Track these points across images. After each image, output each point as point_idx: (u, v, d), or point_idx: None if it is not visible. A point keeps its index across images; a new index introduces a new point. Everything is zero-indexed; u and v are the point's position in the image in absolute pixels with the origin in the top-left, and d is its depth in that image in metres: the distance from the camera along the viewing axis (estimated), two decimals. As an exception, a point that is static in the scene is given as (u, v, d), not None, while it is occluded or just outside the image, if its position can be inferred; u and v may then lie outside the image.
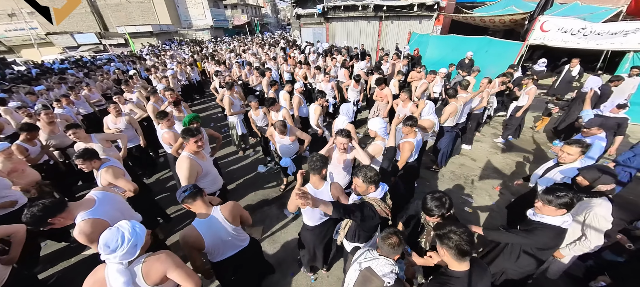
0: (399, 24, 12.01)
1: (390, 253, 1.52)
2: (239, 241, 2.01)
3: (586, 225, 2.02)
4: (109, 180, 2.51)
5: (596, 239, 1.99)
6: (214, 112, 8.15)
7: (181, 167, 2.42)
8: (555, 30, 6.24)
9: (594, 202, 2.00)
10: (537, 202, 1.83)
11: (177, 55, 13.66)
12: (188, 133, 2.46)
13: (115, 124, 4.06)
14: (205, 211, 1.81)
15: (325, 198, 1.95)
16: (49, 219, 1.64)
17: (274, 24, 52.92)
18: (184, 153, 2.50)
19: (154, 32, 27.29)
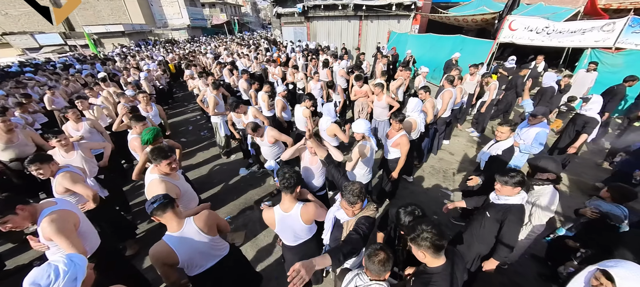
0: (378, 23, 12.22)
1: (380, 272, 1.40)
2: (218, 250, 1.90)
3: (532, 212, 2.25)
4: (66, 186, 2.31)
5: (540, 223, 2.23)
6: (192, 115, 7.86)
7: (157, 193, 2.13)
8: (522, 29, 6.62)
9: (540, 190, 2.22)
10: (496, 184, 1.99)
11: (154, 57, 12.99)
12: (160, 155, 2.11)
13: (77, 131, 3.73)
14: (177, 224, 1.66)
15: (294, 222, 1.86)
16: (1, 215, 1.58)
17: (255, 23, 51.99)
18: (154, 175, 2.18)
19: (126, 32, 25.89)
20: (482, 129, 5.78)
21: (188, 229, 1.68)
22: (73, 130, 3.76)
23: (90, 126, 3.84)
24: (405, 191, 4.08)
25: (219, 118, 4.74)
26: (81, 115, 3.89)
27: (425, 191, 4.14)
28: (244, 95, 6.15)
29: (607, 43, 5.93)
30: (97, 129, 3.93)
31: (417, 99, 3.62)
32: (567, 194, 4.03)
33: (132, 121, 3.24)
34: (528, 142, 3.09)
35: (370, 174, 2.94)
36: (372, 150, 2.76)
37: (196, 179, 4.65)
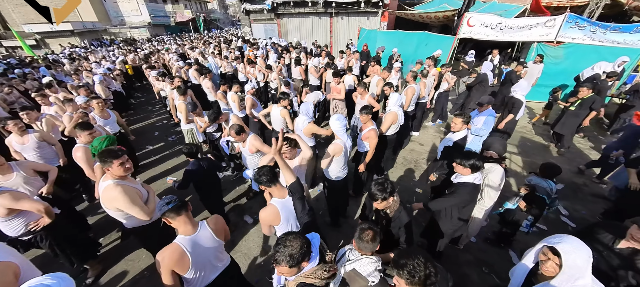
0: (348, 19, 12.41)
1: (370, 248, 1.49)
2: (221, 261, 1.81)
3: (484, 187, 2.49)
4: (7, 206, 2.03)
5: (490, 199, 2.48)
6: (157, 120, 7.36)
7: (116, 199, 1.96)
8: (478, 25, 7.14)
9: (490, 168, 2.47)
10: (455, 165, 2.23)
11: (108, 58, 11.86)
12: (110, 155, 1.98)
13: (23, 144, 3.25)
14: (192, 227, 1.57)
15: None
16: None
17: (223, 21, 49.85)
18: (108, 181, 2.00)
19: (76, 31, 23.40)
20: (445, 116, 6.18)
21: (203, 232, 1.62)
22: (17, 144, 3.26)
23: (39, 139, 3.34)
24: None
25: (193, 125, 4.45)
26: (26, 127, 3.37)
27: (397, 182, 4.31)
28: (209, 96, 5.89)
29: (549, 37, 6.62)
30: (47, 142, 3.42)
31: (397, 94, 3.72)
32: (522, 174, 4.45)
33: (77, 130, 2.94)
34: (478, 126, 3.59)
35: (345, 170, 2.94)
36: (345, 148, 2.76)
37: (166, 187, 4.39)
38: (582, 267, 1.27)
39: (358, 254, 1.56)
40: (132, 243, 3.00)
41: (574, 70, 6.54)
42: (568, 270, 1.29)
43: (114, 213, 2.10)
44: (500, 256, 3.00)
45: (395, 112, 3.55)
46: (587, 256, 1.28)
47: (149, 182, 4.52)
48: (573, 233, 3.03)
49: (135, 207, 2.02)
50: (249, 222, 3.55)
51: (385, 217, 1.97)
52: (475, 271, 2.84)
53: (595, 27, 6.27)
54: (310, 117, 3.37)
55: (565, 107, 4.69)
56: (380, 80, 5.35)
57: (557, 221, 3.49)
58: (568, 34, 6.46)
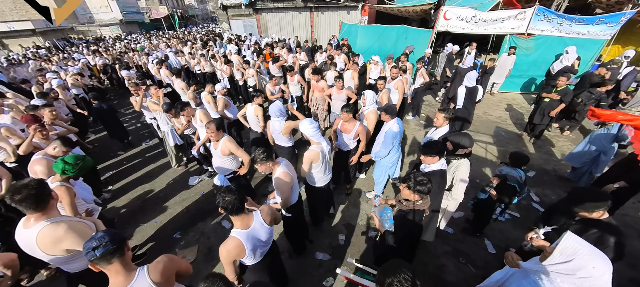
0: (329, 14, 12.27)
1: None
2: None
3: (454, 181, 2.55)
4: None
5: (460, 191, 2.53)
6: (130, 125, 6.98)
7: (64, 239, 1.66)
8: (455, 18, 7.26)
9: (458, 162, 2.54)
10: (423, 157, 2.30)
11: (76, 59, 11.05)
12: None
13: None
14: (125, 278, 1.25)
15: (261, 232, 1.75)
16: None
17: (202, 17, 47.97)
18: (41, 223, 1.63)
19: (38, 30, 21.71)
20: (417, 111, 6.30)
21: (139, 283, 1.27)
22: None
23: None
24: (361, 179, 4.23)
25: (166, 127, 4.25)
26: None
27: (379, 177, 4.34)
28: (182, 96, 5.65)
29: (521, 29, 6.85)
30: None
31: (373, 92, 3.52)
32: (497, 163, 4.61)
33: (58, 140, 2.61)
34: None
35: (329, 175, 2.82)
36: (322, 152, 2.58)
37: (141, 194, 4.18)
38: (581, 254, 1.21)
39: None
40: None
41: (544, 60, 6.84)
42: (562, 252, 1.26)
43: (57, 258, 1.70)
44: (476, 246, 3.10)
45: (375, 110, 3.47)
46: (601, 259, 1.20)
47: (123, 192, 4.27)
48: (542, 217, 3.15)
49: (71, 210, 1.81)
50: (227, 227, 3.44)
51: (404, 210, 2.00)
52: (452, 261, 2.91)
53: (562, 19, 6.55)
54: (284, 115, 3.26)
55: (541, 98, 4.88)
56: (354, 73, 5.35)
57: (528, 207, 3.65)
58: (537, 26, 6.71)
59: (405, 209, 1.96)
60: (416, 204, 1.91)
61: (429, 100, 7.51)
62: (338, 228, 3.35)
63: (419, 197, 1.87)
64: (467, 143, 2.48)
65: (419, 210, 1.92)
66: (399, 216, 2.01)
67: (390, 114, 3.04)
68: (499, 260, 2.91)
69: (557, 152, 4.90)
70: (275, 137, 3.38)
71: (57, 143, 2.66)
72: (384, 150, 3.09)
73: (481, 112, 6.55)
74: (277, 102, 3.19)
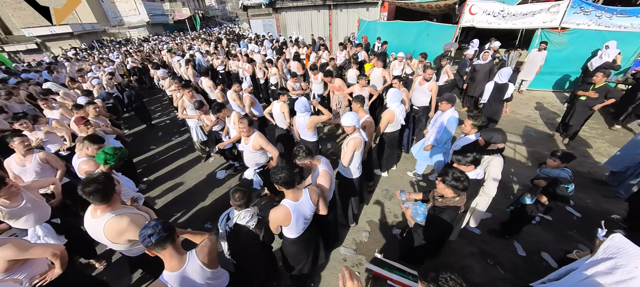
0: (348, 11, 12.24)
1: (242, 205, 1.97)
2: (217, 283, 1.62)
3: (485, 176, 2.46)
4: (10, 258, 1.73)
5: (493, 187, 2.43)
6: (160, 120, 7.41)
7: (127, 231, 1.81)
8: (481, 13, 7.00)
9: (491, 158, 2.44)
10: (456, 166, 2.18)
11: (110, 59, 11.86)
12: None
13: (23, 166, 2.90)
14: (178, 261, 1.38)
15: (305, 208, 1.93)
16: None
17: (221, 17, 49.39)
18: (107, 215, 1.79)
19: (75, 33, 23.40)
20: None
21: (191, 266, 1.42)
22: (17, 167, 2.90)
23: (43, 160, 3.01)
24: (383, 177, 4.24)
25: (192, 122, 4.52)
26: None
27: (400, 175, 4.32)
28: (209, 95, 5.91)
29: (553, 23, 6.47)
30: (51, 165, 3.08)
31: (395, 89, 3.49)
32: (527, 165, 4.43)
33: (86, 142, 2.78)
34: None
35: (360, 169, 2.88)
36: (363, 142, 2.67)
37: (173, 186, 4.46)
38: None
39: (235, 212, 2.00)
40: (144, 278, 2.93)
41: (578, 56, 6.42)
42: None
43: (119, 246, 1.88)
44: (504, 248, 3.02)
45: (392, 111, 3.41)
46: None
47: (156, 184, 4.58)
48: (579, 223, 3.03)
49: None
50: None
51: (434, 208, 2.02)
52: (479, 262, 2.87)
53: (600, 11, 6.11)
54: (308, 110, 3.33)
55: (576, 96, 4.61)
56: (385, 71, 5.31)
57: (561, 209, 3.49)
58: (573, 19, 6.32)
59: (440, 205, 1.96)
60: (452, 200, 1.91)
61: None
62: (361, 225, 3.39)
63: (455, 194, 1.87)
64: (500, 138, 2.40)
65: (454, 207, 1.91)
66: (433, 212, 2.02)
67: (452, 102, 3.22)
68: (529, 263, 2.84)
69: (593, 154, 4.62)
70: (301, 132, 3.47)
71: (86, 143, 2.78)
72: (446, 135, 3.27)
73: (509, 110, 6.27)
74: (302, 98, 3.27)
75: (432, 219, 2.02)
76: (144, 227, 1.31)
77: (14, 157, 2.93)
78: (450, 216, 1.93)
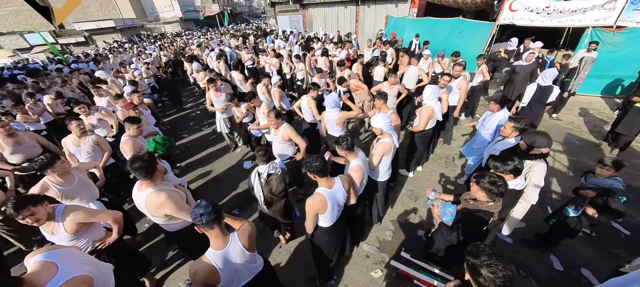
0: (375, 8, 12.00)
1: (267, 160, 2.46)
2: (252, 269, 1.71)
3: (526, 183, 2.32)
4: (80, 221, 1.93)
5: (534, 193, 2.29)
6: (191, 111, 7.84)
7: (164, 206, 1.96)
8: (522, 9, 6.53)
9: (533, 163, 2.29)
10: (491, 171, 2.05)
11: (144, 53, 12.71)
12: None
13: (78, 147, 3.19)
14: (222, 241, 1.49)
15: (339, 195, 2.01)
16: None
17: (248, 13, 50.70)
18: (149, 190, 1.97)
19: (117, 28, 25.29)
20: (472, 112, 5.88)
21: (233, 246, 1.52)
22: (73, 146, 3.21)
23: (94, 143, 3.33)
24: (405, 177, 4.15)
25: (217, 114, 4.76)
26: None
27: (427, 176, 4.21)
28: (239, 88, 6.12)
29: (608, 21, 5.87)
30: (100, 146, 3.41)
31: (433, 85, 3.39)
32: (567, 175, 4.11)
33: (126, 123, 3.11)
34: (490, 131, 3.23)
35: (390, 170, 2.83)
36: (394, 146, 2.59)
37: (203, 173, 4.71)
38: None
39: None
40: (177, 254, 3.15)
41: (635, 58, 5.77)
42: None
43: (159, 219, 2.07)
44: (538, 259, 2.85)
45: (431, 107, 3.32)
46: None
47: (187, 170, 4.88)
48: (627, 241, 2.78)
49: (183, 211, 2.03)
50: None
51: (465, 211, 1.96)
52: (511, 272, 2.73)
53: (666, 8, 5.44)
54: (338, 106, 3.34)
55: (630, 102, 4.18)
56: (422, 70, 5.20)
57: (605, 225, 3.20)
58: (632, 17, 5.67)
59: (471, 208, 1.90)
60: (485, 204, 1.83)
61: (485, 101, 6.92)
62: (385, 224, 3.37)
63: (489, 198, 1.80)
64: (544, 143, 2.25)
65: (486, 212, 1.84)
66: (462, 213, 1.96)
67: (501, 103, 3.11)
68: (567, 279, 2.65)
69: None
70: (329, 127, 3.50)
71: (127, 124, 3.12)
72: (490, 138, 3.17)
73: (549, 115, 5.84)
74: (333, 94, 3.30)
75: (460, 220, 1.95)
76: (196, 206, 1.41)
77: (70, 138, 3.26)
78: (480, 221, 1.85)
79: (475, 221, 1.86)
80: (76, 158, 3.30)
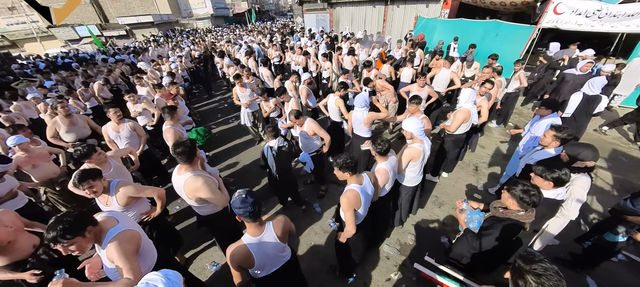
0: (405, 8, 11.72)
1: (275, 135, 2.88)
2: (282, 257, 1.82)
3: (567, 197, 2.18)
4: (131, 195, 2.15)
5: (574, 209, 2.14)
6: (219, 104, 8.20)
7: (200, 189, 2.09)
8: (569, 12, 6.05)
9: (575, 176, 2.15)
10: (534, 177, 1.97)
11: (179, 47, 13.47)
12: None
13: (117, 132, 3.51)
14: (259, 229, 1.61)
15: (369, 190, 2.07)
16: (71, 236, 1.38)
17: (275, 11, 51.70)
18: (188, 174, 2.12)
19: (155, 23, 26.97)
20: (505, 120, 5.58)
21: (267, 235, 1.64)
22: (113, 132, 3.52)
23: (131, 129, 3.58)
24: (430, 183, 4.05)
25: (242, 108, 4.97)
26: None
27: (453, 183, 4.08)
28: (267, 83, 6.30)
29: (671, 27, 5.28)
30: (137, 133, 3.68)
31: (470, 89, 3.30)
32: (611, 193, 3.78)
33: (166, 113, 3.36)
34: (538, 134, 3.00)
35: (421, 175, 2.78)
36: (425, 153, 2.53)
37: (230, 164, 4.94)
38: None
39: None
40: (204, 237, 3.32)
41: None
42: None
43: (193, 202, 2.21)
44: (573, 281, 2.66)
45: (468, 110, 3.21)
46: None
47: (215, 160, 5.13)
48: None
49: (216, 196, 2.14)
50: (318, 211, 3.77)
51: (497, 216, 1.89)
52: (542, 290, 2.59)
53: None
54: (368, 107, 3.34)
55: None
56: (454, 74, 5.04)
57: (655, 251, 2.91)
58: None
59: (500, 215, 1.83)
60: (515, 213, 1.76)
61: (519, 108, 6.52)
62: (407, 227, 3.33)
63: (520, 208, 1.72)
64: (590, 155, 2.11)
65: (515, 222, 1.76)
66: (490, 221, 1.88)
67: (552, 107, 2.95)
68: (604, 303, 2.46)
69: None
70: (356, 127, 3.50)
71: (166, 114, 3.35)
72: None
73: (593, 128, 5.38)
74: (364, 93, 3.32)
75: (487, 227, 1.88)
76: (243, 201, 1.48)
77: (110, 125, 3.54)
78: (509, 230, 1.77)
79: (503, 229, 1.79)
80: (116, 144, 3.60)
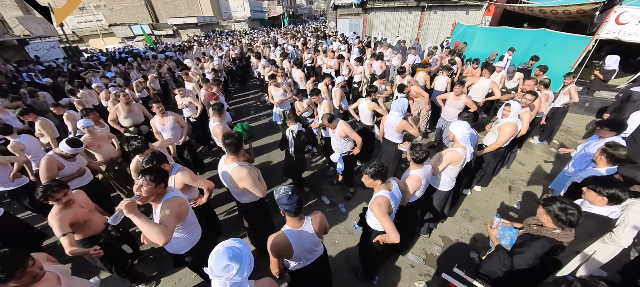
0: (443, 14, 11.34)
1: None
2: (316, 251, 1.93)
3: (619, 222, 2.00)
4: (186, 182, 2.43)
5: (628, 236, 1.96)
6: (252, 102, 8.63)
7: (245, 179, 2.26)
8: (634, 23, 5.43)
9: (632, 201, 1.97)
10: (586, 190, 1.89)
11: (218, 47, 14.42)
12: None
13: (163, 125, 3.93)
14: (298, 223, 1.71)
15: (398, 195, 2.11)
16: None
17: (307, 15, 52.88)
18: (234, 164, 2.28)
19: (198, 24, 29.12)
20: (549, 136, 5.18)
21: (306, 228, 1.73)
22: (159, 125, 3.90)
23: (174, 121, 3.91)
24: (462, 196, 3.90)
25: (274, 107, 5.18)
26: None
27: (486, 198, 3.89)
28: (299, 85, 6.50)
29: None
30: (180, 125, 4.00)
31: (518, 102, 3.22)
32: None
33: (215, 111, 3.60)
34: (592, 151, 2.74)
35: (454, 181, 2.74)
36: (465, 159, 2.49)
37: (263, 162, 5.18)
38: None
39: None
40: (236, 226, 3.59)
41: None
42: None
43: (235, 190, 2.40)
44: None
45: (515, 123, 3.10)
46: None
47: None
48: None
49: (257, 187, 2.32)
50: (325, 203, 3.90)
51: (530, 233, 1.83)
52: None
53: None
54: (403, 113, 3.34)
55: None
56: (494, 85, 4.84)
57: None
58: None
59: (534, 233, 1.74)
60: (550, 231, 1.66)
61: (567, 125, 5.96)
62: (434, 238, 3.26)
63: (555, 225, 1.62)
64: None
65: (550, 240, 1.65)
66: (523, 238, 1.80)
67: (616, 129, 2.65)
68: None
69: None
70: (387, 131, 3.51)
71: (213, 112, 3.61)
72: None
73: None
74: (403, 99, 3.33)
75: (520, 245, 1.79)
76: (290, 198, 1.59)
77: (156, 118, 3.93)
78: (544, 248, 1.67)
79: (538, 247, 1.69)
80: (162, 135, 4.00)
